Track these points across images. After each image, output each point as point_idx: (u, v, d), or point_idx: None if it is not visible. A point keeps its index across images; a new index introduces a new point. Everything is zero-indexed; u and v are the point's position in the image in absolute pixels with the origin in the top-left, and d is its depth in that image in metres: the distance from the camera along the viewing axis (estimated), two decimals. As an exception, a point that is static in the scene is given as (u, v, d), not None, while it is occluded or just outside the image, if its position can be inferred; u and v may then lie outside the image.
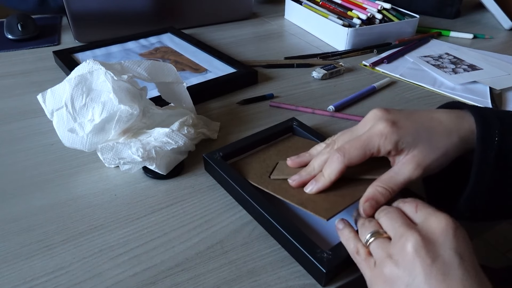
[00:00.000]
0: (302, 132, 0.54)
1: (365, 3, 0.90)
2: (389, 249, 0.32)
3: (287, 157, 0.47)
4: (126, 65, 0.50)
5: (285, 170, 0.45)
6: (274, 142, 0.53)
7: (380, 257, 0.32)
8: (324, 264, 0.35)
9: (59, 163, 0.51)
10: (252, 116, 0.62)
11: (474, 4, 1.15)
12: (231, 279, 0.37)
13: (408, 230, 0.31)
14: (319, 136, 0.52)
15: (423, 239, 0.30)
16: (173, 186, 0.48)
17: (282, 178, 0.44)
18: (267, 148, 0.51)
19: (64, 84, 0.48)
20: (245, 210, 0.44)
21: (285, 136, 0.54)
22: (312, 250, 0.36)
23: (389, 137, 0.36)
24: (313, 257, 0.36)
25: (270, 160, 0.48)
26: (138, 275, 0.37)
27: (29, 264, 0.38)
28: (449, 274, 0.29)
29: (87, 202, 0.45)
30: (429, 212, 0.32)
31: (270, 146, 0.52)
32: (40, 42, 0.88)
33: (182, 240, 0.41)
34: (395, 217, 0.34)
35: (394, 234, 0.32)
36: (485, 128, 0.36)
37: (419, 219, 0.33)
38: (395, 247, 0.31)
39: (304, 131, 0.53)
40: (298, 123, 0.55)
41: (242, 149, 0.51)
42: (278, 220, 0.39)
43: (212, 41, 0.89)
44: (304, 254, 0.36)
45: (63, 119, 0.47)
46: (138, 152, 0.46)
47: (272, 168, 0.47)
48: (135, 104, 0.47)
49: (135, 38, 0.86)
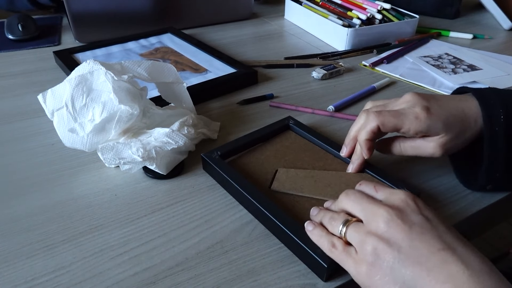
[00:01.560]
0: (298, 130, 0.54)
1: (365, 3, 0.90)
2: (366, 228, 0.33)
3: (284, 159, 0.47)
4: (126, 65, 0.51)
5: (286, 184, 0.45)
6: (272, 140, 0.53)
7: (360, 239, 0.33)
8: (325, 259, 0.35)
9: (59, 163, 0.51)
10: (252, 116, 0.62)
11: (473, 4, 1.15)
12: (231, 279, 0.37)
13: (378, 206, 0.33)
14: (316, 135, 0.52)
15: (393, 210, 0.32)
16: (173, 186, 0.48)
17: (282, 191, 0.45)
18: (265, 146, 0.52)
19: (64, 84, 0.48)
20: (246, 209, 0.44)
21: (282, 134, 0.54)
22: (313, 246, 0.36)
23: (423, 121, 0.41)
24: (314, 252, 0.36)
25: (268, 164, 0.49)
26: (138, 274, 0.37)
27: (29, 264, 0.38)
28: (427, 233, 0.31)
29: (87, 202, 0.45)
30: (388, 190, 0.36)
31: (268, 144, 0.52)
32: (40, 42, 0.88)
33: (182, 240, 0.41)
34: (359, 198, 0.35)
35: (365, 214, 0.34)
36: (489, 110, 0.42)
37: (381, 197, 0.35)
38: (370, 225, 0.33)
39: (300, 130, 0.54)
40: (294, 121, 0.55)
41: (240, 147, 0.51)
42: (278, 217, 0.39)
43: (212, 41, 0.90)
44: (305, 250, 0.37)
45: (63, 119, 0.48)
46: (138, 152, 0.46)
47: (271, 173, 0.47)
48: (135, 104, 0.48)
49: (135, 38, 0.86)
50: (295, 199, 0.44)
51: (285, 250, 0.40)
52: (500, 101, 0.42)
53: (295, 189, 0.45)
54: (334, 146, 0.50)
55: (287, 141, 0.52)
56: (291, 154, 0.49)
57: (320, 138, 0.52)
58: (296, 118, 0.56)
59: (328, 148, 0.51)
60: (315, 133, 0.53)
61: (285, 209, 0.42)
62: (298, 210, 0.42)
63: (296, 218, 0.41)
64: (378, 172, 0.46)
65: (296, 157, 0.50)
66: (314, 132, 0.53)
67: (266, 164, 0.48)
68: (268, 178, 0.47)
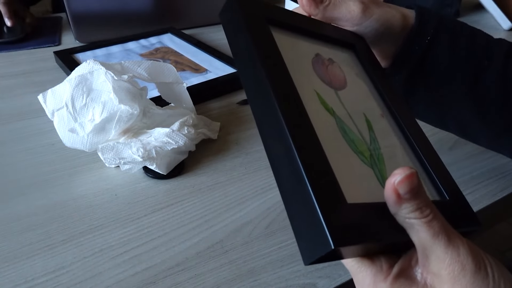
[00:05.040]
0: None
1: (365, 4, 0.90)
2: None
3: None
4: (126, 65, 0.51)
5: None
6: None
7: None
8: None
9: (59, 163, 0.51)
10: (252, 116, 0.61)
11: (473, 4, 1.15)
12: (231, 279, 0.37)
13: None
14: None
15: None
16: (173, 186, 0.48)
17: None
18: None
19: (64, 84, 0.48)
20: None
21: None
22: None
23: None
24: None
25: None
26: (139, 274, 0.37)
27: (30, 264, 0.38)
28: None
29: (87, 202, 0.45)
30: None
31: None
32: (40, 42, 0.88)
33: (182, 240, 0.41)
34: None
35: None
36: (421, 26, 0.39)
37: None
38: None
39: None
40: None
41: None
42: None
43: (212, 41, 0.90)
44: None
45: (63, 119, 0.48)
46: (139, 152, 0.46)
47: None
48: (135, 104, 0.48)
49: (135, 38, 0.86)
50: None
51: (285, 250, 0.40)
52: (436, 22, 0.40)
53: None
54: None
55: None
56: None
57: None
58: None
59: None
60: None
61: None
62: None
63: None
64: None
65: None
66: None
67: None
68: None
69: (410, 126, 0.35)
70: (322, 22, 0.38)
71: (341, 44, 0.39)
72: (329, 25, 0.39)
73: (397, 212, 0.24)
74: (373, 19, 0.38)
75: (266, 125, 0.27)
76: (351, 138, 0.30)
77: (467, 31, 0.41)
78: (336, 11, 0.38)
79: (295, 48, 0.33)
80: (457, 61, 0.40)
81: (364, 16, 0.38)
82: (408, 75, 0.41)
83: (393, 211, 0.24)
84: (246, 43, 0.29)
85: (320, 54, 0.35)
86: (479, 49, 0.41)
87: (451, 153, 0.54)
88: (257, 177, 0.49)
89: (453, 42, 0.40)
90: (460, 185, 0.32)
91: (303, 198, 0.23)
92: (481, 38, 0.42)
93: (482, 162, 0.53)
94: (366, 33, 0.39)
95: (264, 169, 0.51)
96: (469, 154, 0.54)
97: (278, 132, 0.25)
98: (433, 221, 0.24)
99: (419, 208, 0.24)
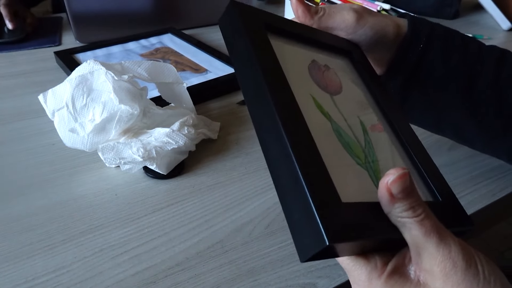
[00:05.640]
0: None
1: (364, 4, 0.90)
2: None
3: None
4: (126, 66, 0.51)
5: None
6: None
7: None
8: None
9: (60, 163, 0.52)
10: (252, 116, 0.62)
11: (472, 4, 1.16)
12: (231, 279, 0.37)
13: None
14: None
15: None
16: (174, 186, 0.48)
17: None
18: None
19: (65, 84, 0.48)
20: (245, 209, 0.44)
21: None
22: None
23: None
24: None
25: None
26: (139, 274, 0.37)
27: (30, 264, 0.38)
28: None
29: (87, 202, 0.45)
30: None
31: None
32: (41, 43, 0.88)
33: (183, 240, 0.41)
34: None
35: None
36: (414, 34, 0.40)
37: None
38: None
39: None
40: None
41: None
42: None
43: (212, 42, 0.90)
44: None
45: (64, 119, 0.48)
46: (139, 152, 0.46)
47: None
48: (135, 104, 0.48)
49: (135, 38, 0.86)
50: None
51: (285, 249, 0.40)
52: (429, 31, 0.41)
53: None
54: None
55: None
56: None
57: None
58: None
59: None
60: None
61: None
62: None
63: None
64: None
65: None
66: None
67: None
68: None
69: (404, 130, 0.36)
70: (319, 30, 0.39)
71: (337, 51, 0.39)
72: (325, 33, 0.40)
73: (390, 211, 0.25)
74: (367, 28, 0.39)
75: (264, 127, 0.27)
76: (346, 141, 0.31)
77: (459, 38, 0.42)
78: (330, 20, 0.39)
79: (292, 54, 0.34)
80: (450, 67, 0.41)
81: (358, 24, 0.39)
82: (403, 82, 0.42)
83: (386, 210, 0.25)
84: (244, 48, 0.29)
85: (316, 60, 0.36)
86: (472, 55, 0.41)
87: (450, 154, 0.54)
88: (257, 177, 0.50)
89: (446, 48, 0.41)
90: (459, 185, 0.32)
91: (299, 197, 0.23)
92: (473, 44, 0.43)
93: (482, 162, 0.53)
94: (360, 41, 0.40)
95: (264, 169, 0.51)
96: (469, 154, 0.54)
97: (275, 133, 0.26)
98: (425, 220, 0.24)
99: (412, 207, 0.24)
